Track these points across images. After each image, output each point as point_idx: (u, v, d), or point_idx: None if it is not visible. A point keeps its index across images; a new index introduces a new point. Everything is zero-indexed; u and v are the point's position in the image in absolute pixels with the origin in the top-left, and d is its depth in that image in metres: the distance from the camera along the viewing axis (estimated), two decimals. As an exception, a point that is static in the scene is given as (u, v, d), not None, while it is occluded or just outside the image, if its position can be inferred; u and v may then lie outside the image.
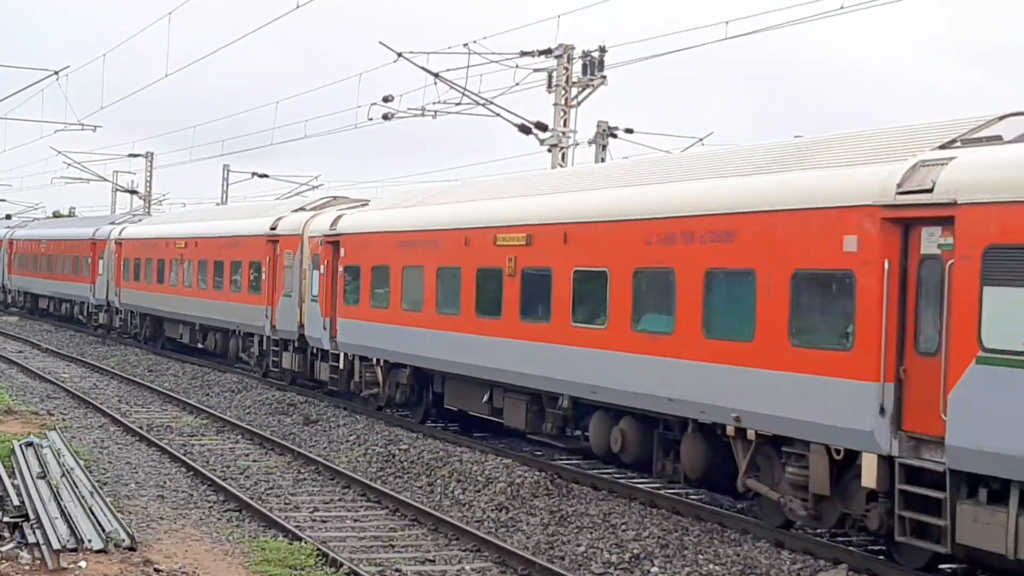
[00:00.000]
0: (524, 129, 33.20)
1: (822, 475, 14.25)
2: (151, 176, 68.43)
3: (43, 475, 17.17)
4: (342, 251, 27.08)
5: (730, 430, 15.65)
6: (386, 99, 34.59)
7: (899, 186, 13.24)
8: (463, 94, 32.87)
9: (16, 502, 15.66)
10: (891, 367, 13.27)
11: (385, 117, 35.03)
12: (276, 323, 31.28)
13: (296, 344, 30.28)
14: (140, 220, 49.44)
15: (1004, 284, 12.06)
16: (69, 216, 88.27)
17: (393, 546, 15.47)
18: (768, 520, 15.73)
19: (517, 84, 33.01)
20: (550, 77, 32.91)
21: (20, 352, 42.11)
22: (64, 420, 25.50)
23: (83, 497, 15.87)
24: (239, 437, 24.31)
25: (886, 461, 13.32)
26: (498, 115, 33.43)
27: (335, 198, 32.93)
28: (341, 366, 27.42)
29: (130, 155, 68.21)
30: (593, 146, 36.46)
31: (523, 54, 32.69)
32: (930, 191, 12.85)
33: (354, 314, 26.35)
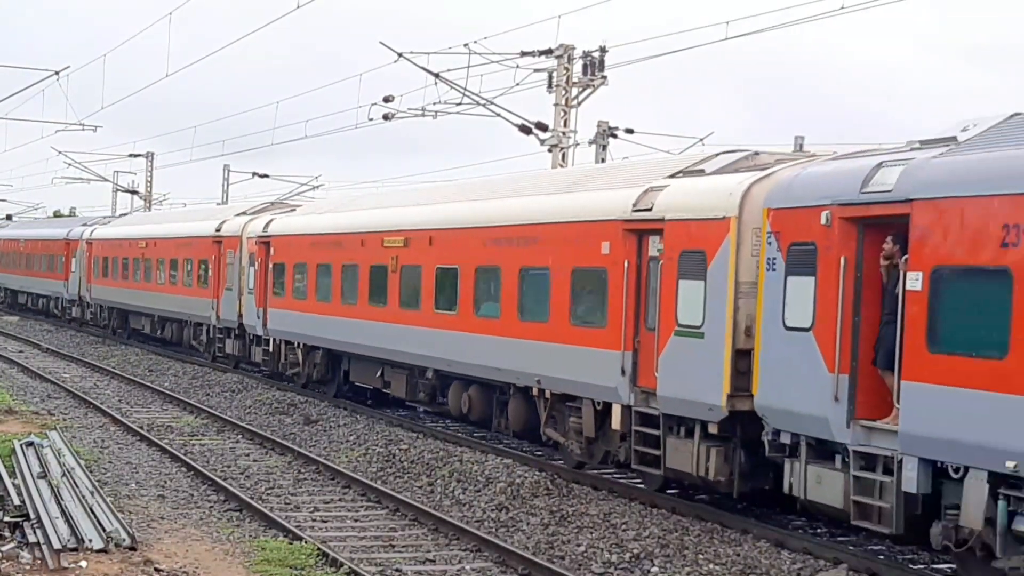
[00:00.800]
0: (524, 129, 33.22)
1: (590, 422, 18.75)
2: (151, 176, 68.45)
3: (44, 475, 17.17)
4: (272, 251, 31.56)
5: (535, 391, 20.13)
6: (387, 99, 34.60)
7: (634, 206, 17.59)
8: (463, 94, 32.89)
9: (17, 502, 15.67)
10: (629, 339, 17.69)
11: (386, 117, 35.04)
12: (220, 314, 35.53)
13: (236, 332, 34.59)
14: (109, 222, 52.53)
15: (689, 278, 16.48)
16: (70, 216, 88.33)
17: (393, 546, 15.48)
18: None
19: (517, 84, 33.04)
20: (550, 77, 32.92)
21: (21, 352, 42.14)
22: (65, 420, 25.52)
23: (84, 497, 15.88)
24: (239, 437, 24.32)
25: (627, 409, 17.73)
26: (498, 115, 33.46)
27: (272, 204, 37.82)
28: (271, 350, 31.83)
29: (131, 155, 68.21)
30: (593, 146, 36.46)
31: (523, 54, 32.70)
32: (650, 210, 17.27)
33: (280, 305, 30.77)
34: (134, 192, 70.18)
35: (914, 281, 13.08)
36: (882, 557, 14.55)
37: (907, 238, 13.17)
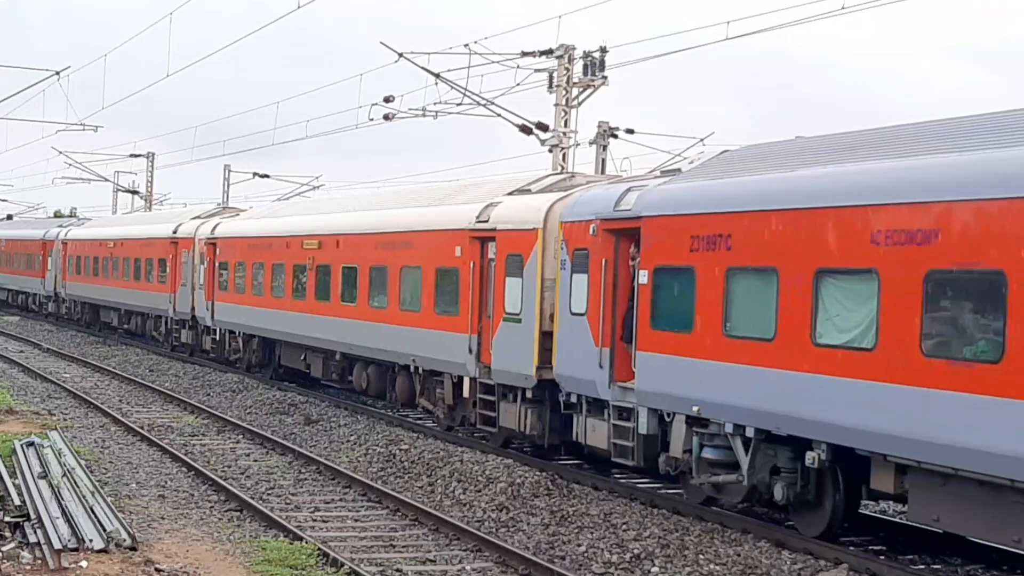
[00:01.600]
0: (525, 129, 33.21)
1: (450, 393, 23.13)
2: (152, 176, 68.46)
3: (44, 475, 17.16)
4: (218, 251, 35.88)
5: (412, 368, 24.35)
6: (387, 99, 34.58)
7: (477, 218, 21.96)
8: (464, 94, 32.87)
9: (17, 502, 15.67)
10: (475, 325, 21.96)
11: (386, 117, 35.02)
12: (176, 307, 39.72)
13: (190, 323, 38.79)
14: (82, 224, 56.97)
15: (512, 276, 20.82)
16: (70, 216, 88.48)
17: (394, 546, 15.49)
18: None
19: (518, 84, 33.02)
20: (551, 77, 32.91)
21: (21, 352, 42.14)
22: (65, 420, 25.51)
23: (84, 497, 15.87)
24: (240, 437, 24.32)
25: (473, 381, 22.06)
26: (499, 115, 33.44)
27: (224, 208, 42.32)
28: (218, 338, 36.22)
29: (131, 155, 68.19)
30: (594, 146, 36.45)
31: (524, 54, 32.68)
32: (487, 221, 21.64)
33: (225, 299, 35.10)
34: (135, 192, 70.17)
35: (643, 277, 17.41)
36: (882, 557, 14.55)
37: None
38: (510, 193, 22.10)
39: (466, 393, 22.30)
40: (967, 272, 12.52)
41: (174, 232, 39.89)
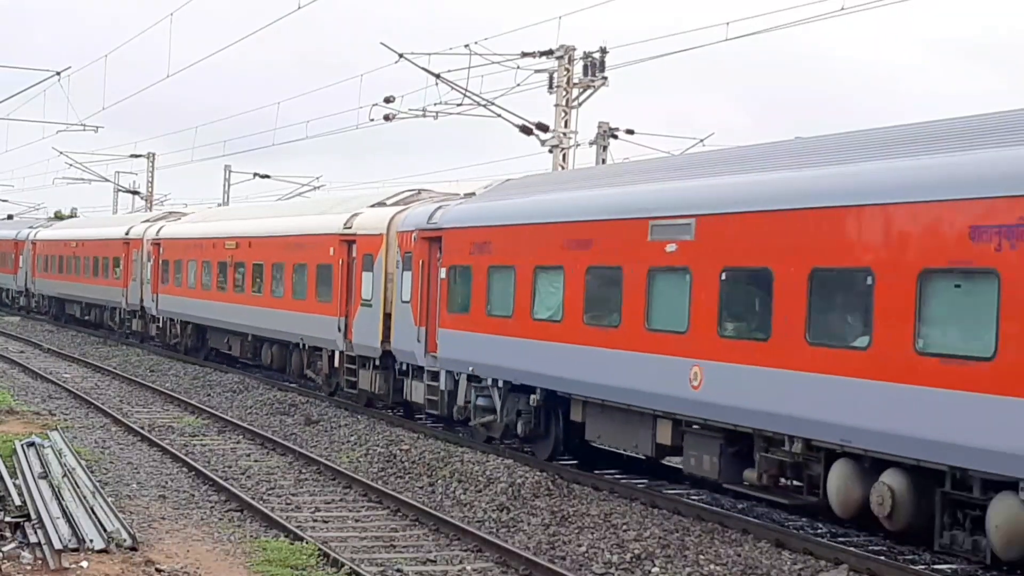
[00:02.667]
0: (525, 130, 33.22)
1: (327, 364, 28.81)
2: (153, 177, 68.49)
3: (45, 475, 17.17)
4: (161, 250, 41.41)
5: (301, 346, 30.27)
6: (387, 100, 34.62)
7: (344, 225, 27.55)
8: (464, 95, 32.90)
9: (18, 502, 15.68)
10: (343, 310, 27.43)
11: (386, 118, 35.05)
12: (128, 299, 44.90)
13: (139, 313, 44.39)
14: (51, 225, 63.23)
15: (367, 271, 26.48)
16: (71, 217, 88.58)
17: (394, 546, 15.49)
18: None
19: (518, 85, 33.06)
20: (551, 78, 32.92)
21: (22, 352, 42.16)
22: (66, 420, 25.52)
23: (85, 497, 15.88)
24: (240, 437, 24.34)
25: (342, 354, 27.70)
26: (499, 116, 33.47)
27: (170, 213, 47.94)
28: (162, 326, 41.72)
29: (132, 156, 68.24)
30: (594, 147, 36.46)
31: (524, 55, 32.70)
32: (351, 228, 27.22)
33: (166, 291, 40.73)
34: (135, 192, 70.19)
35: (443, 273, 22.91)
36: (883, 558, 14.55)
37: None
38: (371, 205, 27.72)
39: (337, 364, 28.15)
40: (609, 268, 18.33)
41: (126, 234, 45.55)
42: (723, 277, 15.99)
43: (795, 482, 15.60)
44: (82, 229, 54.24)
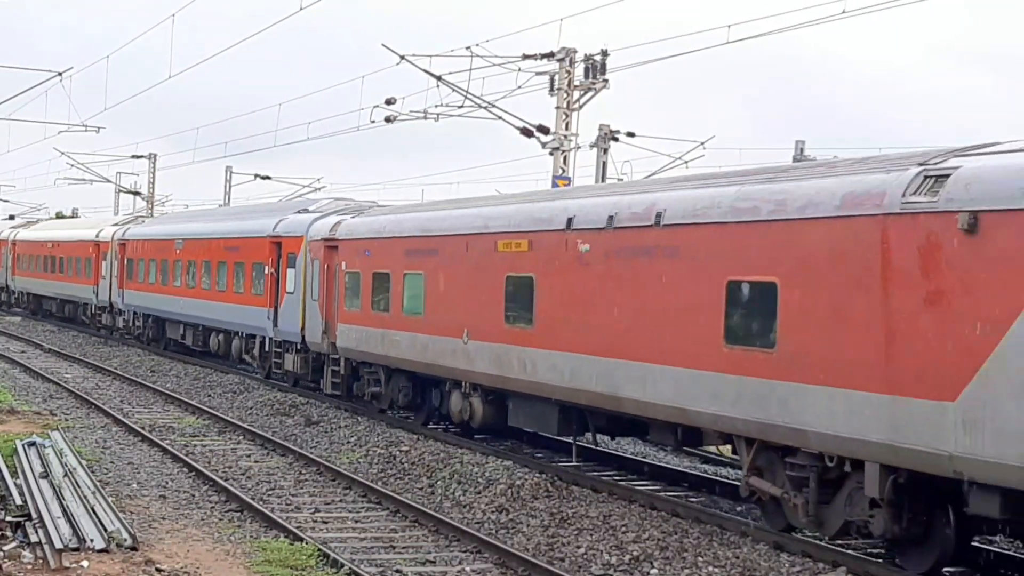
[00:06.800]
0: (526, 132, 33.25)
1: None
2: (154, 177, 68.53)
3: (46, 475, 17.21)
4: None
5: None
6: (388, 101, 34.65)
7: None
8: (465, 97, 32.94)
9: (19, 501, 15.72)
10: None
11: (387, 119, 35.09)
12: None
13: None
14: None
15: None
16: (72, 217, 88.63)
17: (394, 547, 15.53)
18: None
19: (519, 87, 33.09)
20: (552, 80, 32.96)
21: (23, 352, 42.19)
22: (67, 420, 25.56)
23: (85, 497, 15.92)
24: (241, 438, 24.37)
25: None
26: (500, 118, 33.50)
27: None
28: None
29: (133, 156, 68.26)
30: (595, 149, 36.49)
31: (525, 57, 32.74)
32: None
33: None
34: (136, 193, 70.22)
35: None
36: (880, 561, 14.58)
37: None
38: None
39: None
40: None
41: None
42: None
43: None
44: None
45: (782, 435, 14.44)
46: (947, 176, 12.60)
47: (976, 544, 14.62)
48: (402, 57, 32.65)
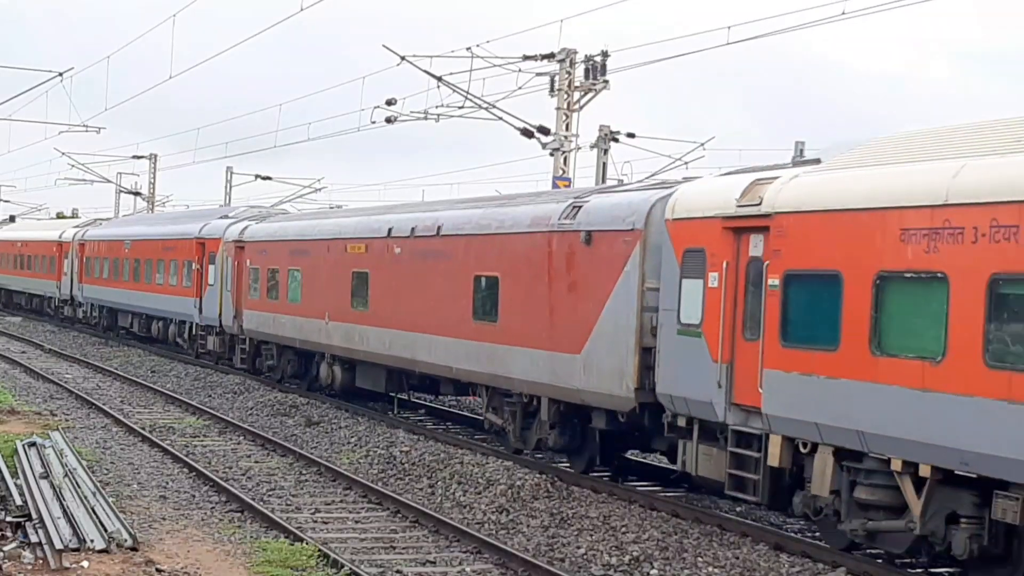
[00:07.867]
0: (526, 133, 33.26)
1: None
2: (155, 178, 68.56)
3: (46, 475, 17.21)
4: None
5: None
6: (389, 102, 34.65)
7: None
8: (466, 98, 32.95)
9: (19, 502, 15.72)
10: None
11: (388, 120, 35.09)
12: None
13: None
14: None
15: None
16: (73, 217, 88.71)
17: (394, 547, 15.54)
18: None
19: (519, 88, 33.09)
20: (552, 81, 32.97)
21: (23, 353, 42.21)
22: (67, 420, 25.57)
23: (85, 497, 15.92)
24: (241, 438, 24.38)
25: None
26: (500, 119, 33.51)
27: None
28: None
29: (134, 157, 68.28)
30: (595, 150, 36.47)
31: (526, 58, 32.75)
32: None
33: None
34: (137, 194, 70.25)
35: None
36: (880, 561, 14.59)
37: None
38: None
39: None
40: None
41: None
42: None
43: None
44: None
45: (502, 383, 20.82)
46: (580, 207, 19.07)
47: (628, 456, 20.63)
48: (403, 58, 32.66)
